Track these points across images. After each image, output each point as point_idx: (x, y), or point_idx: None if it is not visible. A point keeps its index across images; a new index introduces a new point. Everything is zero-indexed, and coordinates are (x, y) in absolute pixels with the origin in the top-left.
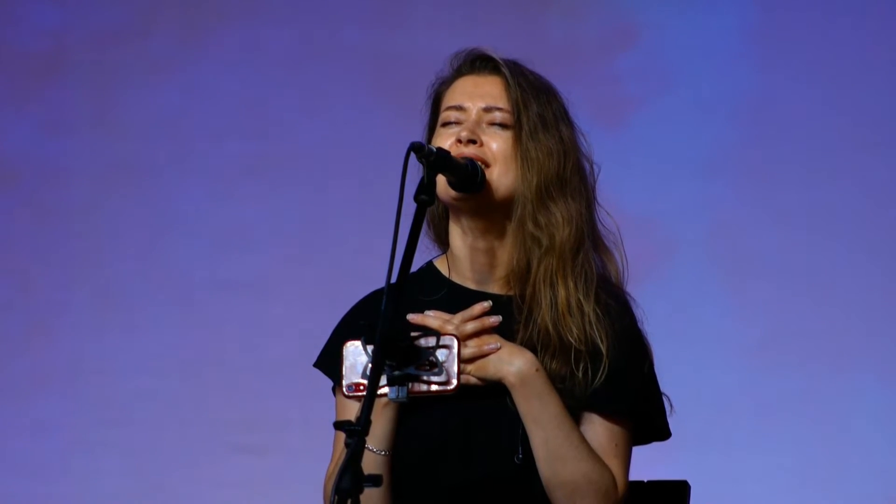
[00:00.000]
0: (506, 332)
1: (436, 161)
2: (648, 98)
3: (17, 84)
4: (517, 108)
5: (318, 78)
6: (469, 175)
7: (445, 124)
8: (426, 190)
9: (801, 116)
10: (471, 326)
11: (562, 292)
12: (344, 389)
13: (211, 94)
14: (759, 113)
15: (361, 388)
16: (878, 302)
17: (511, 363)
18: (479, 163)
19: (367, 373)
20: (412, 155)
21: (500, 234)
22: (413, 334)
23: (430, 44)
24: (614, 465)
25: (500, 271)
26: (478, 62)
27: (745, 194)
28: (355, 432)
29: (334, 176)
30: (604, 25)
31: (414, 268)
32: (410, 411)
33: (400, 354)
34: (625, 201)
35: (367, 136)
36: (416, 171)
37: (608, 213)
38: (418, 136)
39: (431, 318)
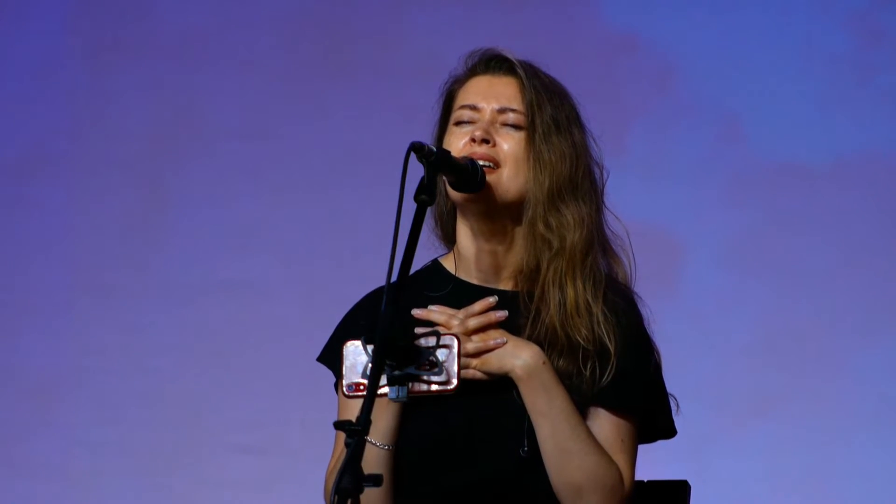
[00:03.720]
0: (512, 327)
1: (436, 161)
2: (648, 102)
3: (18, 84)
4: (531, 110)
5: (319, 78)
6: (469, 175)
7: (458, 123)
8: (426, 190)
9: (802, 118)
10: (475, 321)
11: (570, 293)
12: (344, 389)
13: (212, 96)
14: (760, 113)
15: (361, 387)
16: (878, 302)
17: (518, 356)
18: (490, 163)
19: (367, 372)
20: (412, 155)
21: (509, 235)
22: (414, 332)
23: (429, 48)
24: (621, 460)
25: (507, 270)
26: (493, 62)
27: (746, 196)
28: (355, 432)
29: (334, 176)
30: (602, 29)
31: (419, 266)
32: (414, 408)
33: (400, 354)
34: (626, 205)
35: (367, 135)
36: (417, 170)
37: (617, 218)
38: (419, 135)
39: (436, 312)
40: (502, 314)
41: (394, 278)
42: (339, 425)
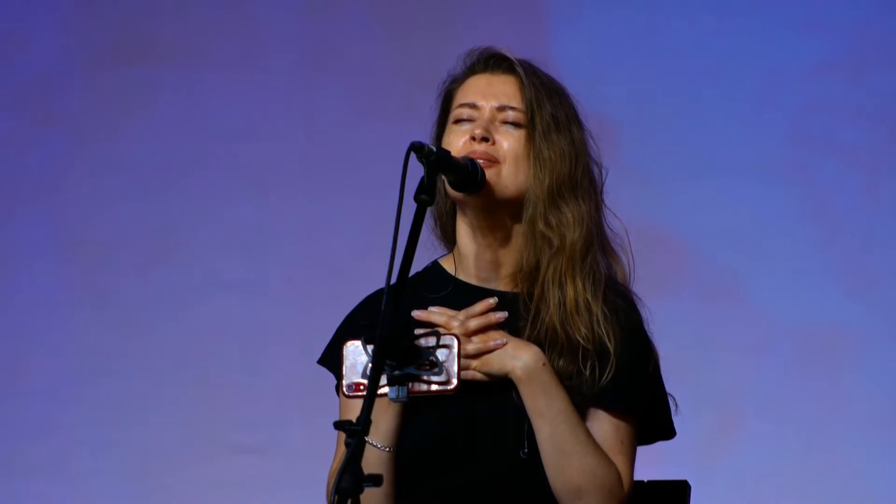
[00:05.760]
0: (511, 328)
1: (436, 161)
2: (645, 101)
3: (18, 86)
4: (531, 108)
5: (319, 80)
6: (469, 175)
7: (458, 121)
8: (426, 190)
9: (798, 115)
10: (475, 322)
11: (570, 292)
12: (344, 389)
13: (213, 98)
14: (757, 111)
15: (362, 387)
16: (878, 303)
17: (518, 357)
18: (490, 160)
19: (368, 372)
20: (412, 155)
21: (508, 233)
22: (414, 333)
23: (427, 51)
24: (620, 461)
25: (507, 269)
26: (492, 61)
27: (745, 195)
28: (356, 432)
29: (334, 177)
30: (598, 29)
31: (418, 268)
32: (415, 409)
33: (400, 354)
34: (626, 205)
35: (367, 136)
36: (417, 170)
37: (616, 216)
38: (419, 135)
39: (436, 314)
40: (502, 315)
41: (394, 279)
42: (340, 425)
